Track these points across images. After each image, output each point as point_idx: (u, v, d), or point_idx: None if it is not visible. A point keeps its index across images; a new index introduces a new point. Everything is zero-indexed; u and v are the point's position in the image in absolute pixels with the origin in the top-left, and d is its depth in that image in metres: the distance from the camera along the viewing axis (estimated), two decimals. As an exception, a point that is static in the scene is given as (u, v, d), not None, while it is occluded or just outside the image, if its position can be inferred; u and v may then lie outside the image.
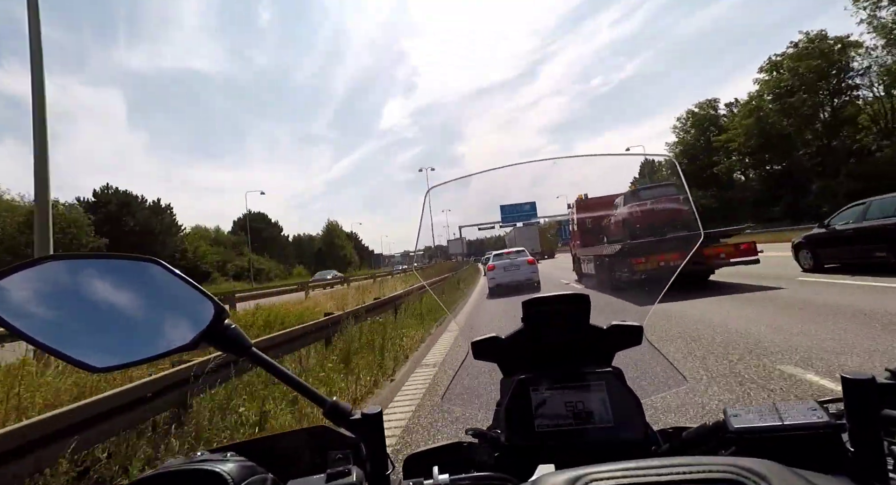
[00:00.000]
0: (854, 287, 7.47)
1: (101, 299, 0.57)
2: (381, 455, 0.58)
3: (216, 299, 0.59)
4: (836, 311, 5.85)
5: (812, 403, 0.56)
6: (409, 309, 10.82)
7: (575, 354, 0.76)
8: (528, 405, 0.69)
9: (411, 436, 3.44)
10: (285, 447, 0.64)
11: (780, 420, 0.53)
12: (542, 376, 0.72)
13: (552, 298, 0.77)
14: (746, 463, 0.35)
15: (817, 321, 5.44)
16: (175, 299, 0.59)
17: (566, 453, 0.65)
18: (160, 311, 0.60)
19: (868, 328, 4.86)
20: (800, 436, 0.51)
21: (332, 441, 0.63)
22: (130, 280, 0.60)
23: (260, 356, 0.60)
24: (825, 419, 0.52)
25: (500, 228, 39.73)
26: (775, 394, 3.38)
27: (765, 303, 7.09)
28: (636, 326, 0.77)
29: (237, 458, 0.53)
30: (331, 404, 0.60)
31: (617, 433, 0.66)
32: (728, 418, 0.55)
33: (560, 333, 0.77)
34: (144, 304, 0.59)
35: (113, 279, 0.59)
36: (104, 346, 0.55)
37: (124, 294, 0.58)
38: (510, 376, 0.77)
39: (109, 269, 0.60)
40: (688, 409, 3.21)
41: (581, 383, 0.70)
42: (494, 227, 44.38)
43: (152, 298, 0.60)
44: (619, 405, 0.68)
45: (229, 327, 0.59)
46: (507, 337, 0.78)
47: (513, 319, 0.78)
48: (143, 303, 0.59)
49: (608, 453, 0.57)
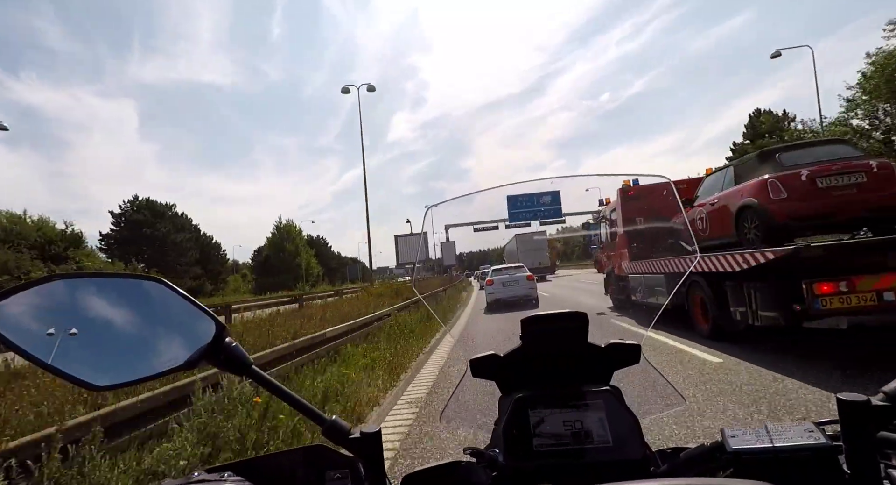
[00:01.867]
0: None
1: (104, 318, 0.58)
2: (379, 475, 0.58)
3: (217, 318, 0.60)
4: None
5: (809, 424, 0.56)
6: (386, 330, 8.85)
7: (573, 372, 0.76)
8: (527, 425, 0.69)
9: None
10: (283, 467, 0.64)
11: (776, 442, 0.53)
12: (540, 395, 0.72)
13: (551, 316, 0.77)
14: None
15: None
16: (177, 317, 0.60)
17: (565, 474, 0.65)
18: (162, 329, 0.60)
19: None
20: (796, 457, 0.51)
21: (330, 460, 0.62)
22: (133, 299, 0.60)
23: (260, 374, 0.61)
24: (822, 441, 0.52)
25: (507, 226, 34.59)
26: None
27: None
28: (634, 345, 0.77)
29: (235, 478, 0.52)
30: (329, 423, 0.60)
31: (615, 453, 0.66)
32: (726, 439, 0.56)
33: (558, 351, 0.77)
34: (146, 322, 0.60)
35: (116, 298, 0.60)
36: (106, 364, 0.55)
37: (127, 313, 0.59)
38: (508, 395, 0.77)
39: (112, 287, 0.61)
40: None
41: (579, 402, 0.70)
42: (498, 227, 39.99)
43: (154, 316, 0.60)
44: (617, 425, 0.68)
45: (230, 346, 0.59)
46: (506, 355, 0.79)
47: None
48: (145, 321, 0.60)
49: (607, 473, 0.57)
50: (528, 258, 23.49)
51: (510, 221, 35.73)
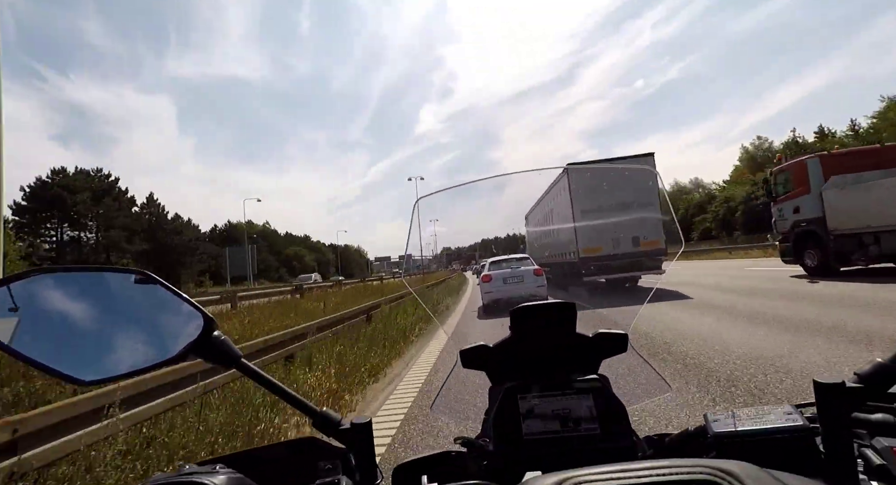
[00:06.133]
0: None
1: (90, 312, 0.57)
2: (369, 465, 0.58)
3: (206, 311, 0.59)
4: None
5: (788, 407, 0.58)
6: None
7: (562, 362, 0.77)
8: (516, 413, 0.70)
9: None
10: (274, 459, 0.64)
11: (757, 424, 0.55)
12: (529, 384, 0.73)
13: (540, 306, 0.78)
14: (723, 465, 0.36)
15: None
16: (165, 311, 0.59)
17: (553, 461, 0.66)
18: (150, 323, 0.60)
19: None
20: (776, 439, 0.53)
21: (321, 452, 0.63)
22: (120, 293, 0.60)
23: (249, 367, 0.61)
24: (799, 423, 0.54)
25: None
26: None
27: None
28: (621, 334, 0.79)
29: (226, 470, 0.52)
30: (320, 415, 0.60)
31: (603, 440, 0.67)
32: (708, 424, 0.58)
33: (548, 341, 0.78)
34: (134, 316, 0.60)
35: (102, 292, 0.59)
36: (93, 359, 0.55)
37: (113, 306, 0.58)
38: (498, 385, 0.78)
39: (99, 281, 0.60)
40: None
41: (568, 391, 0.72)
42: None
43: (142, 310, 0.60)
44: (605, 412, 0.69)
45: (219, 339, 0.59)
46: (496, 345, 0.80)
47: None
48: (132, 315, 0.59)
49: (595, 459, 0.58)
50: (596, 235, 12.12)
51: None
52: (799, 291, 8.94)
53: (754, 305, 7.81)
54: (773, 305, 7.56)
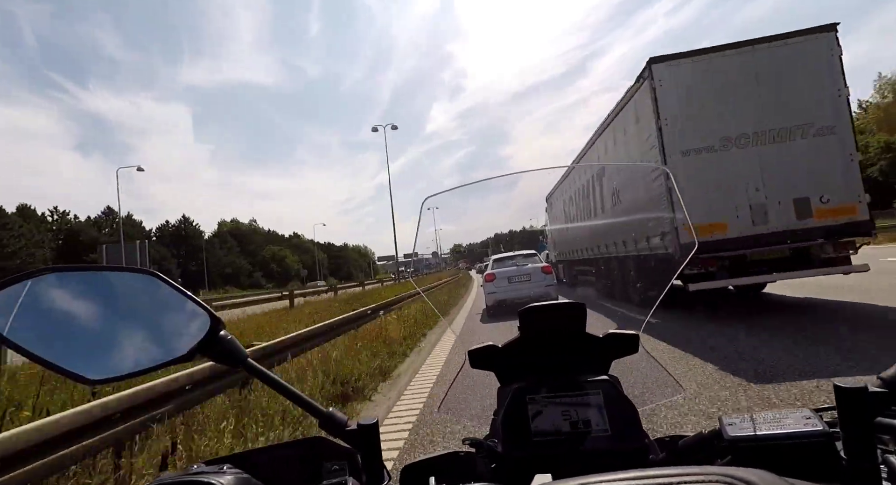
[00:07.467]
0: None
1: (97, 311, 0.57)
2: (377, 466, 0.58)
3: (212, 311, 0.59)
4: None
5: (807, 411, 0.56)
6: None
7: (572, 362, 0.76)
8: (525, 414, 0.69)
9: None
10: (281, 459, 0.64)
11: (774, 429, 0.53)
12: (538, 385, 0.72)
13: (549, 306, 0.77)
14: (739, 473, 0.35)
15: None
16: (171, 311, 0.59)
17: (563, 463, 0.65)
18: (156, 322, 0.60)
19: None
20: (794, 445, 0.51)
21: (327, 452, 0.62)
22: (126, 292, 0.60)
23: (256, 367, 0.60)
24: (819, 428, 0.52)
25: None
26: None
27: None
28: (633, 335, 0.77)
29: (233, 470, 0.52)
30: (327, 415, 0.60)
31: (614, 442, 0.66)
32: (724, 427, 0.56)
33: (557, 341, 0.77)
34: (140, 315, 0.59)
35: (109, 291, 0.59)
36: (99, 358, 0.55)
37: (120, 306, 0.58)
38: (507, 385, 0.77)
39: (105, 281, 0.60)
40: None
41: (578, 392, 0.71)
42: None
43: (148, 309, 0.60)
44: (615, 414, 0.68)
45: (225, 339, 0.59)
46: (504, 346, 0.79)
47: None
48: (138, 314, 0.59)
49: (605, 462, 0.57)
50: (718, 196, 6.12)
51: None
52: None
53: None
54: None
